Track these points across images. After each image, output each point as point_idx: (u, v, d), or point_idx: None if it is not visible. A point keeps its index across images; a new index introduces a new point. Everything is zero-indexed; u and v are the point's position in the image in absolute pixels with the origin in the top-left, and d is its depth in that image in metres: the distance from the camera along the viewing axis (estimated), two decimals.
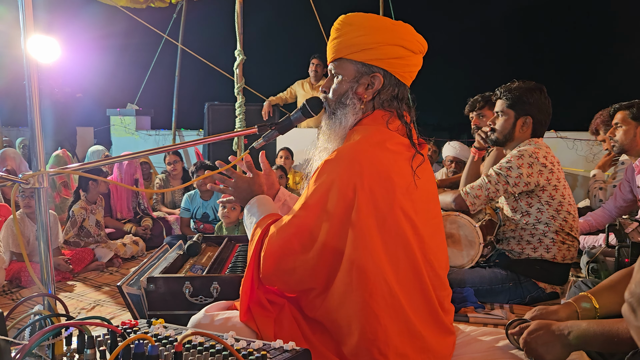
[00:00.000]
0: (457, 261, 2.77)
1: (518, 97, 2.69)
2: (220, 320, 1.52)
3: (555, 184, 2.63)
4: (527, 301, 2.71)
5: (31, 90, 1.36)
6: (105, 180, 2.28)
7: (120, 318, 2.88)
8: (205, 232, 4.43)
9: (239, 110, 5.21)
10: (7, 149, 5.41)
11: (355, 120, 1.54)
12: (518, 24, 16.91)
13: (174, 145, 2.71)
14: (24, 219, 3.62)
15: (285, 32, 14.37)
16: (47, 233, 1.38)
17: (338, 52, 1.54)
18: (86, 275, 3.81)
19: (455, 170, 4.62)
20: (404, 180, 1.46)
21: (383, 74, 1.52)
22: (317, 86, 6.29)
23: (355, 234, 1.38)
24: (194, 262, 2.68)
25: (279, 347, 1.12)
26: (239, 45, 5.06)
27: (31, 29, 1.36)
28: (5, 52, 6.51)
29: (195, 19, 9.20)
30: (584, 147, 5.64)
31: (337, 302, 1.41)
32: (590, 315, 1.46)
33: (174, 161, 5.57)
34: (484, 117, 3.62)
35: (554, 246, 2.65)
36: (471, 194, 2.68)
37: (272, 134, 1.65)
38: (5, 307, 3.03)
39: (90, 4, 6.95)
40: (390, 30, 1.51)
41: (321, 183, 1.42)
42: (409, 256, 1.43)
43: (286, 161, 5.68)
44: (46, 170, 1.36)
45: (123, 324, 1.21)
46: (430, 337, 1.45)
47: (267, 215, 1.59)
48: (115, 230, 4.60)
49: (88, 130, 8.79)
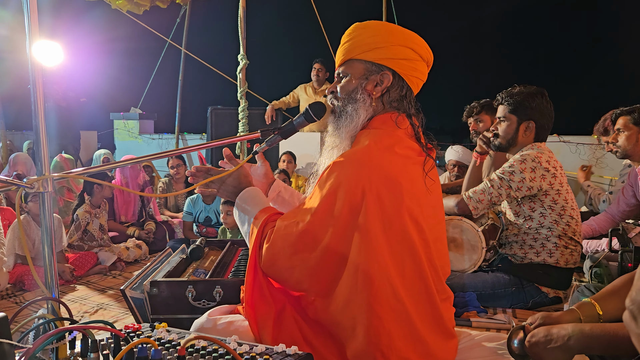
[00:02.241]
0: (459, 265, 2.77)
1: (520, 102, 2.69)
2: (223, 324, 1.53)
3: (558, 189, 2.63)
4: (530, 306, 2.70)
5: (36, 95, 1.37)
6: (111, 185, 2.29)
7: (123, 322, 2.89)
8: (208, 236, 4.44)
9: (242, 114, 5.22)
10: (19, 154, 5.44)
11: (366, 116, 1.55)
12: (520, 29, 16.93)
13: (177, 149, 2.70)
14: (29, 222, 3.63)
15: (287, 36, 14.41)
16: (52, 237, 1.38)
17: (348, 53, 1.57)
18: (89, 279, 3.82)
19: (458, 174, 4.61)
20: (413, 184, 1.47)
21: (392, 73, 1.54)
22: (319, 90, 6.30)
23: (361, 238, 1.39)
24: (196, 266, 2.68)
25: (281, 352, 1.12)
26: (242, 50, 5.08)
27: (36, 33, 1.37)
28: (10, 57, 6.54)
29: (199, 24, 9.24)
30: (586, 152, 5.64)
31: (342, 304, 1.41)
32: (593, 322, 1.46)
33: (177, 165, 5.59)
34: (481, 123, 3.68)
35: (556, 251, 2.65)
36: (474, 199, 2.68)
37: (275, 138, 1.65)
38: (8, 310, 3.04)
39: (93, 9, 6.98)
40: (401, 33, 1.55)
41: (329, 185, 1.42)
42: (415, 260, 1.44)
43: (289, 165, 5.69)
44: (51, 175, 1.37)
45: (126, 327, 1.22)
46: (433, 341, 1.45)
47: (262, 210, 1.58)
48: (118, 233, 4.61)
49: (92, 134, 8.82)
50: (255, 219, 1.56)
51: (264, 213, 1.56)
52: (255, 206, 1.60)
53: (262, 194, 1.70)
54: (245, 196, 1.65)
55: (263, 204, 1.62)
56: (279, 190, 1.84)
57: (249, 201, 1.63)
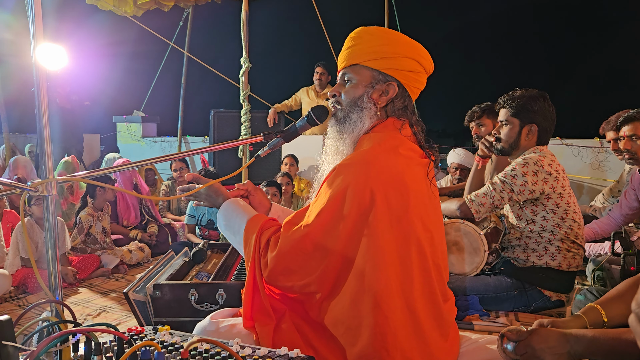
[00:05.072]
0: (462, 269, 2.77)
1: (522, 105, 2.69)
2: (226, 327, 1.53)
3: (561, 192, 2.63)
4: (532, 309, 2.69)
5: (40, 98, 1.37)
6: (113, 188, 2.29)
7: (126, 324, 2.89)
8: (210, 239, 4.44)
9: (244, 118, 5.24)
10: (18, 157, 5.45)
11: (371, 124, 1.56)
12: (522, 32, 16.92)
13: (180, 153, 2.71)
14: (33, 225, 3.64)
15: (290, 39, 14.44)
16: (55, 240, 1.39)
17: (353, 58, 1.57)
18: (92, 282, 3.82)
19: (460, 177, 4.62)
20: (417, 184, 1.49)
21: (397, 84, 1.55)
22: (322, 94, 6.32)
23: (369, 236, 1.40)
24: (199, 269, 2.69)
25: (284, 354, 1.12)
26: (245, 53, 5.10)
27: (40, 37, 1.38)
28: (13, 61, 6.57)
29: (202, 27, 9.27)
30: (589, 155, 5.63)
31: (348, 304, 1.41)
32: (598, 327, 1.45)
33: (180, 168, 5.60)
34: (483, 127, 3.69)
35: (559, 254, 2.65)
36: (476, 202, 2.68)
37: (277, 141, 1.66)
38: (11, 313, 3.04)
39: (97, 13, 7.01)
40: (408, 44, 1.56)
41: (336, 186, 1.43)
42: (421, 260, 1.45)
43: (291, 168, 5.70)
44: (55, 178, 1.37)
45: (129, 330, 1.22)
46: (435, 342, 1.46)
47: (253, 218, 1.57)
48: (121, 236, 4.63)
49: (95, 137, 8.85)
50: (245, 231, 1.55)
51: (254, 223, 1.54)
52: (241, 217, 1.59)
53: (241, 201, 1.67)
54: (226, 209, 1.64)
55: (247, 214, 1.60)
56: (277, 215, 1.78)
57: (232, 214, 1.62)
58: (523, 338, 1.34)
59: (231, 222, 1.61)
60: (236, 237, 1.59)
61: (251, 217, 1.58)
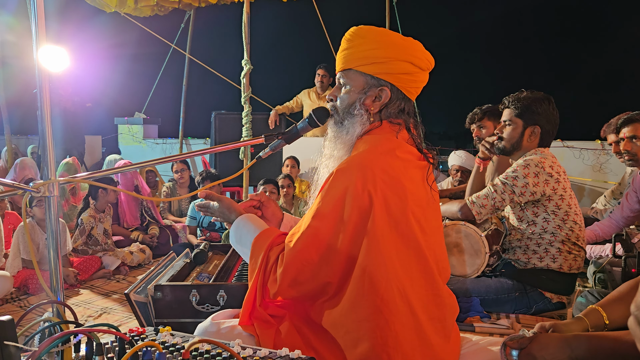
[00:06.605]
0: (462, 270, 2.77)
1: (527, 106, 2.69)
2: (227, 328, 1.53)
3: (562, 194, 2.63)
4: (533, 311, 2.69)
5: (42, 100, 1.38)
6: (115, 189, 2.30)
7: (127, 325, 2.89)
8: (212, 240, 4.45)
9: (245, 119, 5.24)
10: (24, 159, 5.44)
11: (362, 130, 1.55)
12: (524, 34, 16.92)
13: (181, 154, 2.73)
14: (34, 226, 3.65)
15: (291, 41, 14.45)
16: (57, 241, 1.39)
17: (348, 62, 1.56)
18: (93, 283, 3.83)
19: (461, 179, 4.62)
20: (415, 187, 1.48)
21: (390, 88, 1.54)
22: (323, 96, 6.33)
23: (370, 240, 1.39)
24: (200, 270, 2.69)
25: (284, 355, 1.12)
26: (246, 55, 5.10)
27: (43, 39, 1.38)
28: (15, 63, 6.59)
29: (203, 29, 9.28)
30: (590, 157, 5.63)
31: (348, 306, 1.41)
32: (599, 329, 1.45)
33: (181, 170, 5.61)
34: (484, 129, 3.69)
35: (560, 256, 2.65)
36: (477, 204, 2.68)
37: (278, 143, 1.66)
38: (13, 314, 3.04)
39: (99, 15, 7.03)
40: (401, 46, 1.53)
41: (335, 191, 1.43)
42: (421, 262, 1.45)
43: (292, 170, 5.70)
44: (57, 179, 1.38)
45: (131, 331, 1.22)
46: (437, 344, 1.46)
47: (261, 233, 1.57)
48: (122, 238, 4.63)
49: (96, 139, 8.86)
50: (253, 245, 1.55)
51: (264, 238, 1.54)
52: (252, 232, 1.58)
53: (254, 217, 1.67)
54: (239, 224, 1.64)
55: (259, 228, 1.60)
56: (289, 225, 1.79)
57: (242, 230, 1.62)
58: (524, 346, 1.35)
59: (243, 239, 1.61)
60: (246, 250, 1.60)
61: (262, 231, 1.58)
